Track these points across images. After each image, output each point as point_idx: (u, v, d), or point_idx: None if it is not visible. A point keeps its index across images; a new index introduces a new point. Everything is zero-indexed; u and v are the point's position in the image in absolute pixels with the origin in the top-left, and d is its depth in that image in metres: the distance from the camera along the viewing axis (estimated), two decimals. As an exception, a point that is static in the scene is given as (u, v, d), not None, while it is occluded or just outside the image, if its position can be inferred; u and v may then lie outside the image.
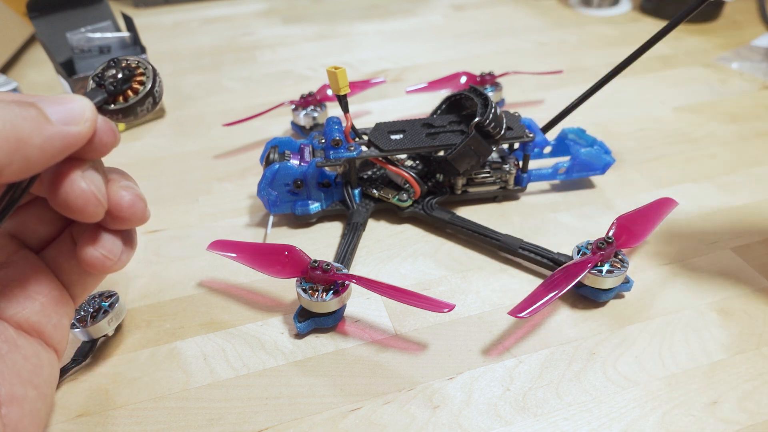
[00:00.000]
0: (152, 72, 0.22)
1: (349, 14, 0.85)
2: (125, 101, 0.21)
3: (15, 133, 0.16)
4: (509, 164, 0.42)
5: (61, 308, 0.23)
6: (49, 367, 0.22)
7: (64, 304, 0.23)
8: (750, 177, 0.45)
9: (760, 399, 0.28)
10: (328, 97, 0.52)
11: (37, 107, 0.18)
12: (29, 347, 0.21)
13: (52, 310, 0.22)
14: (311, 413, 0.28)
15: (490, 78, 0.54)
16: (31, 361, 0.21)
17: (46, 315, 0.22)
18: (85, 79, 0.52)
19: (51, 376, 0.22)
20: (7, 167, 0.17)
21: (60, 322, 0.23)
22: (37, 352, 0.22)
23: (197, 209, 0.44)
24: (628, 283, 0.34)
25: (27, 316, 0.21)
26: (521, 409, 0.28)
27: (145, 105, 0.21)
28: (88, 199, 0.19)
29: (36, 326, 0.22)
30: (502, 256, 0.38)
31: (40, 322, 0.22)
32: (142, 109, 0.21)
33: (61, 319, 0.23)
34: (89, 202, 0.19)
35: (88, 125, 0.19)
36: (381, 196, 0.41)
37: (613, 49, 0.70)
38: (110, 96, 0.21)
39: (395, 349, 0.32)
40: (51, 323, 0.22)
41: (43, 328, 0.22)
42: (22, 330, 0.21)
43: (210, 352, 0.32)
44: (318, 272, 0.31)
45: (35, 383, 0.21)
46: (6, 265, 0.22)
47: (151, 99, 0.22)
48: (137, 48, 0.55)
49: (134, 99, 0.21)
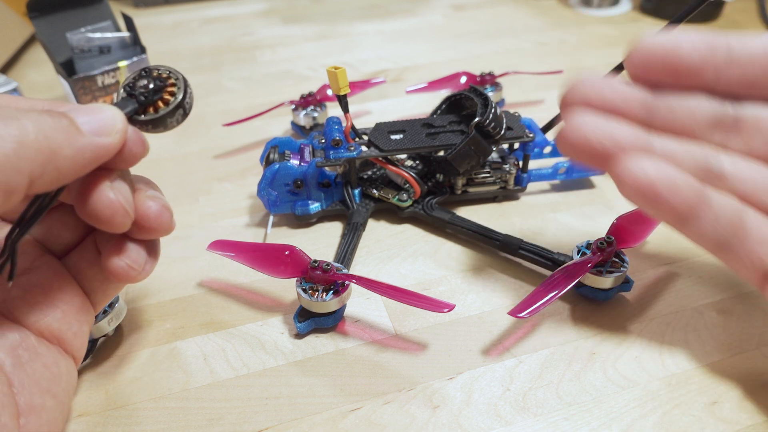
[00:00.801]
0: (183, 83, 0.21)
1: (349, 14, 0.85)
2: (155, 112, 0.21)
3: (47, 144, 0.16)
4: (509, 164, 0.42)
5: (82, 316, 0.23)
6: (67, 376, 0.22)
7: (85, 311, 0.23)
8: (750, 177, 0.45)
9: (760, 399, 0.28)
10: (328, 97, 0.52)
11: (69, 117, 0.17)
12: (49, 355, 0.21)
13: (73, 318, 0.22)
14: (311, 413, 0.28)
15: (490, 78, 0.54)
16: (51, 370, 0.21)
17: (67, 323, 0.22)
18: (85, 79, 0.52)
19: (69, 384, 0.22)
20: (39, 178, 0.16)
21: (80, 330, 0.22)
22: (56, 361, 0.21)
23: (197, 209, 0.44)
24: (628, 283, 0.34)
25: (49, 323, 0.21)
26: (521, 409, 0.28)
27: (176, 116, 0.21)
28: (116, 210, 0.19)
29: (57, 334, 0.21)
30: (502, 256, 0.38)
31: (61, 330, 0.21)
32: (172, 121, 0.21)
33: (81, 327, 0.23)
34: (117, 213, 0.19)
35: (118, 136, 0.19)
36: (381, 196, 0.41)
37: (613, 49, 0.70)
38: (141, 106, 0.21)
39: (395, 349, 0.32)
40: (71, 331, 0.22)
41: (63, 335, 0.22)
42: (43, 337, 0.21)
43: (210, 352, 0.32)
44: (318, 272, 0.31)
45: (54, 392, 0.21)
46: (29, 270, 0.22)
47: (181, 110, 0.21)
48: (137, 48, 0.55)
49: (165, 110, 0.21)
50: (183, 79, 0.22)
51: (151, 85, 0.21)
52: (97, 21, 0.57)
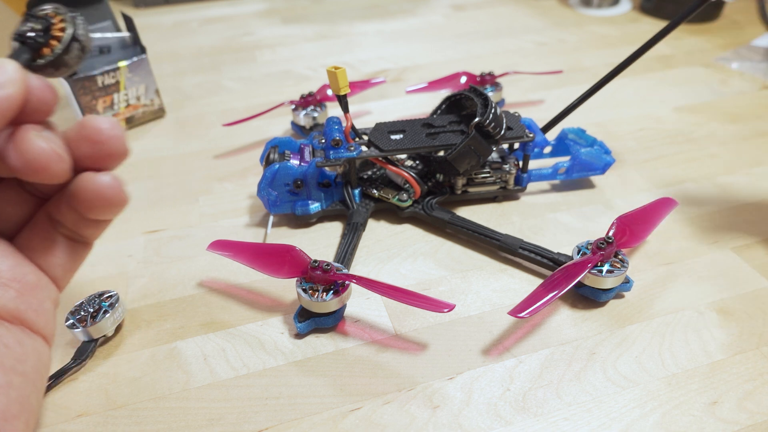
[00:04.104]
0: (71, 17, 0.21)
1: (349, 14, 0.85)
2: (51, 53, 0.20)
3: None
4: (509, 164, 0.42)
5: (41, 292, 0.22)
6: (35, 354, 0.22)
7: (43, 287, 0.23)
8: (750, 177, 0.45)
9: (760, 399, 0.28)
10: (328, 97, 0.52)
11: None
12: (10, 336, 0.21)
13: (30, 296, 0.22)
14: (311, 413, 0.28)
15: (490, 78, 0.54)
16: (14, 350, 0.21)
17: (24, 301, 0.21)
18: (85, 79, 0.52)
19: (39, 362, 0.22)
20: None
21: (41, 307, 0.22)
22: (19, 340, 0.21)
23: (197, 209, 0.44)
24: (628, 283, 0.34)
25: (3, 303, 0.21)
26: (521, 409, 0.28)
27: (73, 52, 0.21)
28: (49, 156, 0.19)
29: (15, 313, 0.21)
30: (502, 256, 0.38)
31: (19, 309, 0.21)
32: (71, 57, 0.21)
33: (42, 303, 0.22)
34: (51, 159, 0.19)
35: (17, 86, 0.18)
36: (381, 196, 0.41)
37: (613, 49, 0.70)
38: (34, 51, 0.20)
39: (395, 349, 0.32)
40: (31, 308, 0.22)
41: (23, 315, 0.21)
42: (1, 319, 0.21)
43: (210, 352, 0.32)
44: (318, 272, 0.31)
45: (20, 371, 0.21)
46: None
47: (77, 44, 0.21)
48: (137, 48, 0.55)
49: (60, 48, 0.20)
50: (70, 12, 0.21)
51: (38, 26, 0.20)
52: (97, 21, 0.57)
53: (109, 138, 0.21)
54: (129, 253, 0.39)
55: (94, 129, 0.21)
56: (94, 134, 0.21)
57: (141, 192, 0.46)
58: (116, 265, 0.38)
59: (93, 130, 0.21)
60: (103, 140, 0.21)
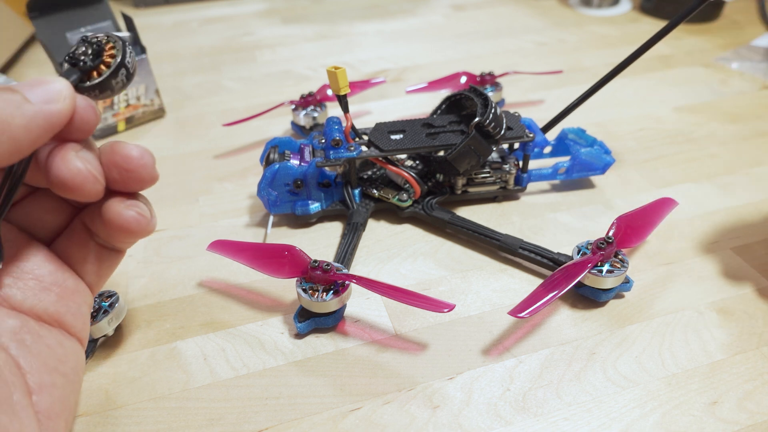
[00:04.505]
0: (122, 44, 0.22)
1: (349, 14, 0.85)
2: (99, 76, 0.21)
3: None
4: (509, 164, 0.42)
5: (78, 297, 0.23)
6: (74, 355, 0.23)
7: (81, 293, 0.23)
8: (750, 177, 0.45)
9: (760, 399, 0.28)
10: (328, 97, 0.52)
11: (17, 91, 0.19)
12: (52, 337, 0.22)
13: (69, 300, 0.23)
14: (311, 413, 0.28)
15: (490, 78, 0.54)
16: (56, 351, 0.22)
17: (64, 305, 0.22)
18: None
19: (77, 363, 0.23)
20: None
21: (79, 311, 0.23)
22: (60, 342, 0.22)
23: (197, 209, 0.44)
24: (628, 283, 0.34)
25: (45, 307, 0.22)
26: (521, 409, 0.28)
27: (119, 78, 0.22)
28: (86, 177, 0.20)
29: (55, 316, 0.22)
30: (502, 256, 0.38)
31: (59, 312, 0.22)
32: (117, 82, 0.22)
33: (80, 308, 0.23)
34: (87, 180, 0.20)
35: (67, 102, 0.19)
36: (381, 196, 0.41)
37: (613, 49, 0.70)
38: (84, 74, 0.21)
39: (395, 349, 0.32)
40: (70, 312, 0.23)
41: (62, 318, 0.22)
42: (42, 321, 0.22)
43: (210, 352, 0.32)
44: (318, 272, 0.31)
45: (62, 371, 0.22)
46: (17, 258, 0.22)
47: (124, 71, 0.22)
48: (137, 48, 0.55)
49: (107, 72, 0.21)
50: (122, 41, 0.22)
51: (90, 51, 0.21)
52: (97, 21, 0.57)
53: (138, 167, 0.22)
54: (129, 253, 0.39)
55: (123, 157, 0.21)
56: (123, 162, 0.21)
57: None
58: (116, 265, 0.38)
59: (122, 157, 0.21)
60: (132, 168, 0.22)
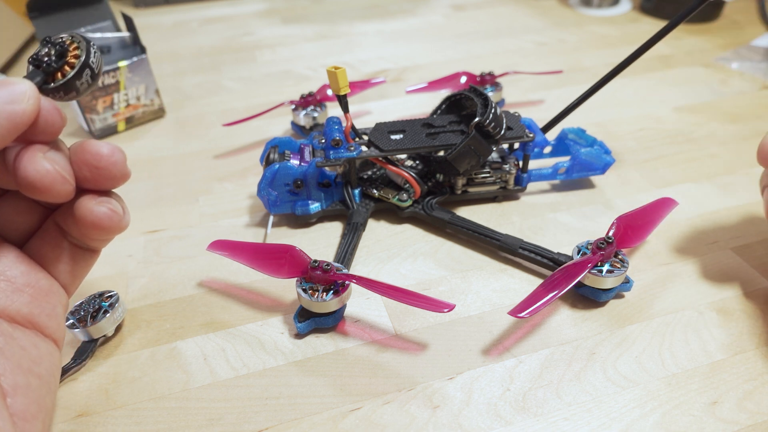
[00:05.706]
0: (86, 44, 0.22)
1: (349, 14, 0.85)
2: (63, 77, 0.21)
3: None
4: (509, 164, 0.42)
5: (53, 297, 0.23)
6: (48, 357, 0.22)
7: (55, 293, 0.23)
8: (750, 177, 0.45)
9: (760, 399, 0.28)
10: (328, 97, 0.52)
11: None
12: (26, 339, 0.21)
13: (43, 300, 0.22)
14: (311, 413, 0.28)
15: (490, 78, 0.54)
16: (30, 352, 0.21)
17: (37, 306, 0.22)
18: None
19: (52, 365, 0.22)
20: None
21: (53, 312, 0.23)
22: (35, 343, 0.22)
23: (197, 209, 0.44)
24: (628, 283, 0.34)
25: (18, 308, 0.22)
26: (521, 409, 0.28)
27: (84, 78, 0.21)
28: (54, 178, 0.20)
29: (29, 317, 0.22)
30: (502, 256, 0.38)
31: (32, 313, 0.22)
32: (82, 83, 0.21)
33: (54, 308, 0.23)
34: (55, 181, 0.20)
35: (31, 103, 0.19)
36: (381, 196, 0.41)
37: (613, 49, 0.70)
38: (48, 75, 0.21)
39: (395, 349, 0.32)
40: (44, 313, 0.22)
41: (36, 318, 0.22)
42: (16, 323, 0.21)
43: (210, 352, 0.32)
44: (318, 272, 0.31)
45: (37, 373, 0.21)
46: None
47: (88, 71, 0.21)
48: (137, 48, 0.55)
49: (71, 73, 0.21)
50: (85, 40, 0.22)
51: (53, 52, 0.21)
52: (97, 21, 0.57)
53: (108, 164, 0.22)
54: (129, 253, 0.39)
55: (93, 155, 0.21)
56: (93, 160, 0.21)
57: (141, 192, 0.46)
58: (116, 265, 0.38)
59: (92, 155, 0.21)
60: (102, 166, 0.22)
